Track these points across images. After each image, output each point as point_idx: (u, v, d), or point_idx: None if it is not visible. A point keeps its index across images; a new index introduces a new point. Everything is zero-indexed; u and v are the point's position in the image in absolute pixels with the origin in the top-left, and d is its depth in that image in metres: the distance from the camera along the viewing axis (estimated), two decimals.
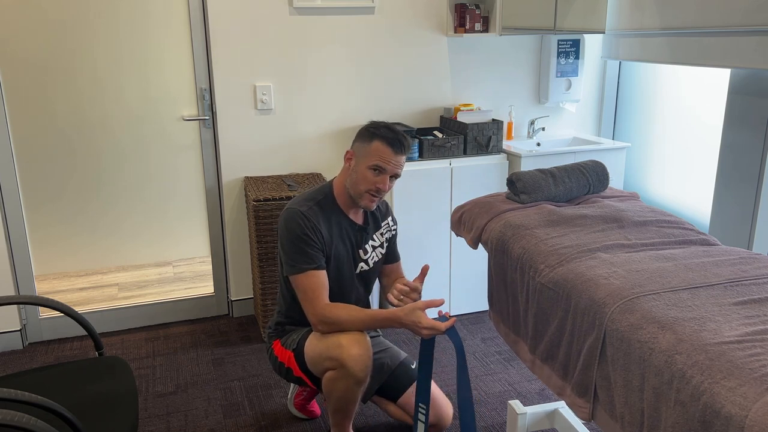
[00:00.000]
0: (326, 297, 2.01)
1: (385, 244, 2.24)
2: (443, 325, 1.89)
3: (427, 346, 1.96)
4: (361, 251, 2.15)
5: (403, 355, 2.30)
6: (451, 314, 2.40)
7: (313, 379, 2.11)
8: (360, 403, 2.31)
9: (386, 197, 3.10)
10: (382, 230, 2.21)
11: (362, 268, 2.16)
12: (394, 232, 2.28)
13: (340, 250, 2.09)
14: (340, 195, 2.10)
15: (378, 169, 1.98)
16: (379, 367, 2.19)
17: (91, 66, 3.07)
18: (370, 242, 2.17)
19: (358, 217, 2.14)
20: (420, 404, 2.02)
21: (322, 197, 2.08)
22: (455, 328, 1.92)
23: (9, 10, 2.92)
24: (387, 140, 1.97)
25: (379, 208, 2.24)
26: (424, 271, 2.09)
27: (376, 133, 1.99)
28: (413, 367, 2.27)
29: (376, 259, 2.20)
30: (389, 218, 2.26)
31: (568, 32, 3.27)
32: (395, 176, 2.03)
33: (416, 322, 1.90)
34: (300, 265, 1.99)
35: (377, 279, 2.30)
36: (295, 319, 2.18)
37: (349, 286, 2.15)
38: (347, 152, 2.06)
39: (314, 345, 2.02)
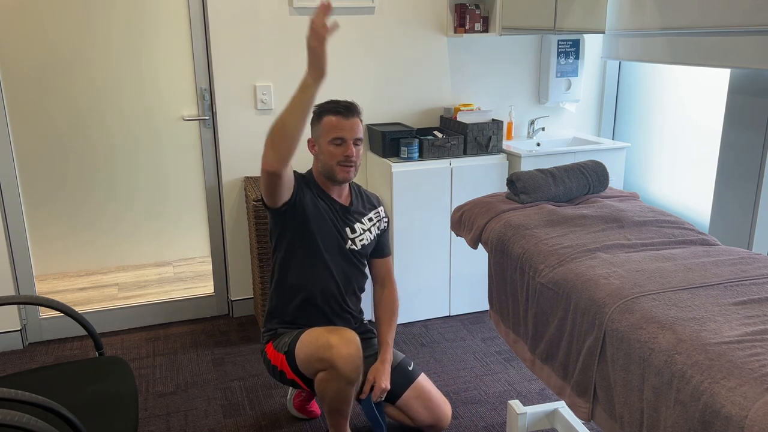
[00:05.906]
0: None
1: (376, 232, 2.26)
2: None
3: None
4: (348, 229, 2.16)
5: (401, 356, 2.30)
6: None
7: (306, 381, 2.11)
8: (356, 403, 2.31)
9: (387, 196, 3.11)
10: (371, 215, 2.25)
11: (350, 245, 2.17)
12: (386, 224, 2.31)
13: (324, 221, 2.10)
14: (319, 180, 2.16)
15: (338, 140, 2.05)
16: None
17: (91, 66, 3.08)
18: (358, 224, 2.19)
19: (342, 198, 2.18)
20: None
21: (307, 175, 2.15)
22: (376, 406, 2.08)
23: (9, 10, 2.92)
24: (333, 111, 2.07)
25: (368, 197, 2.29)
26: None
27: (322, 110, 2.09)
28: (410, 368, 2.27)
29: (365, 242, 2.21)
30: (380, 208, 2.31)
31: (568, 32, 3.27)
32: (357, 141, 2.08)
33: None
34: None
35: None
36: (285, 319, 2.18)
37: (339, 259, 2.14)
38: (309, 141, 2.14)
39: (304, 347, 2.02)
